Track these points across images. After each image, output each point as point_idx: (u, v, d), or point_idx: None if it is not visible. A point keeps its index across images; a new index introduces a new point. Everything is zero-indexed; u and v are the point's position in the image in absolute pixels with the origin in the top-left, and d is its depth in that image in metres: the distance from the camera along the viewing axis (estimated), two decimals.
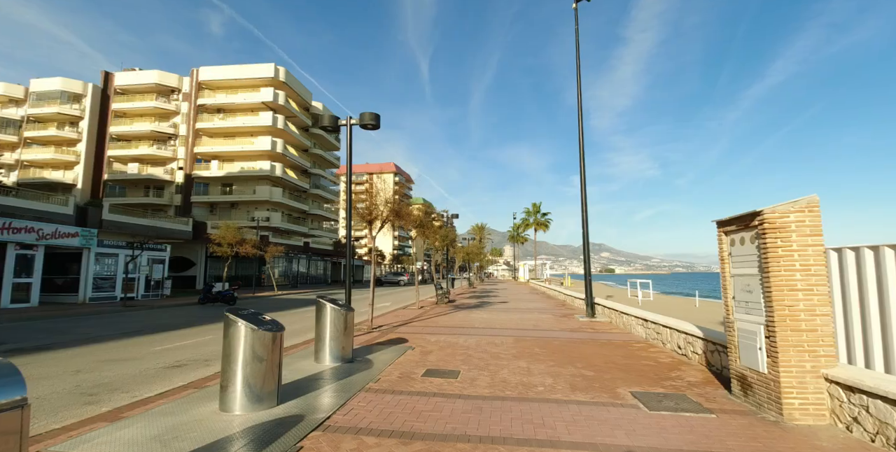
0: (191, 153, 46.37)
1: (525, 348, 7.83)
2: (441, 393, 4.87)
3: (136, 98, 47.88)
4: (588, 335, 9.57)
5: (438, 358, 6.79)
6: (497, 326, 10.96)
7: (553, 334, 9.66)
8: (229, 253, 22.87)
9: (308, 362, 6.43)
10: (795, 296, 4.32)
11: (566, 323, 11.58)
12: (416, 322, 11.85)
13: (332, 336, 6.31)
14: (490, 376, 5.73)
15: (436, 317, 12.97)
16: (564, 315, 14.02)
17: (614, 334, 9.70)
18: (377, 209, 10.20)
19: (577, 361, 6.76)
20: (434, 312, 14.60)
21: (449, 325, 11.10)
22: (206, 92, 47.33)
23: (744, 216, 4.79)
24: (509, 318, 12.83)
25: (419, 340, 8.58)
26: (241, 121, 45.75)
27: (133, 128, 47.01)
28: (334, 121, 9.16)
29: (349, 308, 6.59)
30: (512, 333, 9.71)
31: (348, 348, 6.48)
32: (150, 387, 5.75)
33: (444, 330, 10.10)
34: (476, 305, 17.78)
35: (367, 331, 9.75)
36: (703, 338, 6.62)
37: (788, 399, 4.21)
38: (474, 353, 7.25)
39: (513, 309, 15.90)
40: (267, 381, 4.40)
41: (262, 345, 4.37)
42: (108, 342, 9.82)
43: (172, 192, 47.67)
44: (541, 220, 59.17)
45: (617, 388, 5.25)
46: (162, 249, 22.90)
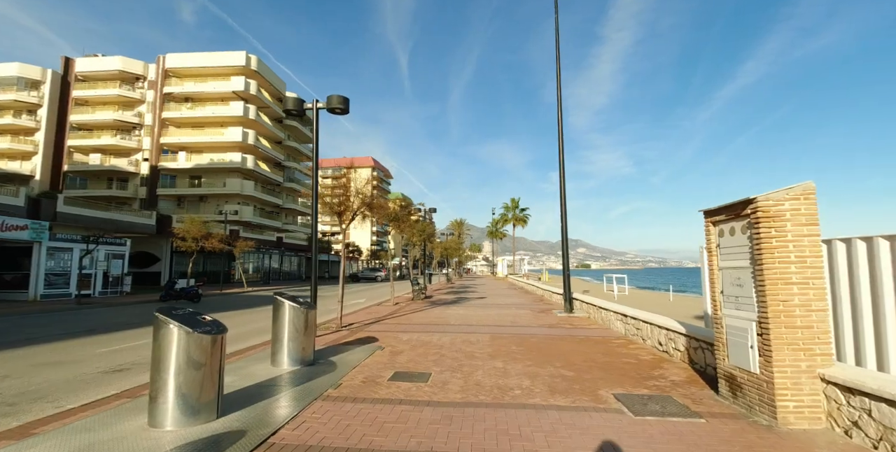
0: (157, 144, 44.32)
1: (501, 346, 7.42)
2: (408, 400, 4.38)
3: (99, 85, 45.47)
4: (566, 331, 9.24)
5: (409, 359, 6.30)
6: (473, 323, 10.54)
7: (531, 330, 9.30)
8: (194, 248, 21.77)
9: (263, 366, 5.84)
10: (790, 290, 4.00)
11: (544, 319, 11.26)
12: (389, 319, 11.33)
13: (291, 336, 5.75)
14: (463, 378, 5.27)
15: (410, 314, 12.47)
16: (542, 310, 13.73)
17: (593, 330, 9.41)
18: (348, 201, 9.59)
19: (555, 360, 6.38)
20: (409, 309, 14.10)
21: (423, 322, 10.62)
22: (173, 80, 45.24)
23: (735, 204, 4.45)
24: (486, 314, 12.44)
25: (390, 339, 8.07)
26: (211, 110, 43.94)
27: (95, 117, 44.63)
28: (299, 104, 8.50)
29: (310, 305, 6.02)
30: (488, 330, 9.30)
31: (309, 349, 5.92)
32: (80, 396, 5.09)
33: (418, 328, 9.62)
34: (453, 301, 17.37)
35: (334, 330, 9.19)
36: (685, 335, 6.33)
37: (783, 402, 3.90)
38: (448, 353, 6.79)
39: (490, 305, 15.54)
40: (205, 391, 3.83)
41: (198, 350, 3.79)
42: (51, 343, 8.98)
43: (137, 185, 45.55)
44: (519, 216, 59.21)
45: (598, 390, 4.88)
46: (121, 244, 21.63)
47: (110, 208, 29.12)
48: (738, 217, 4.46)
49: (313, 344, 6.01)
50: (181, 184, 44.66)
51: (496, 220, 65.59)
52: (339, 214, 9.63)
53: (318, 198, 8.80)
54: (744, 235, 4.38)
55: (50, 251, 19.33)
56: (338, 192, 9.72)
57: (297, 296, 6.14)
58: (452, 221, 64.28)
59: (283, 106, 8.57)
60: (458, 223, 66.60)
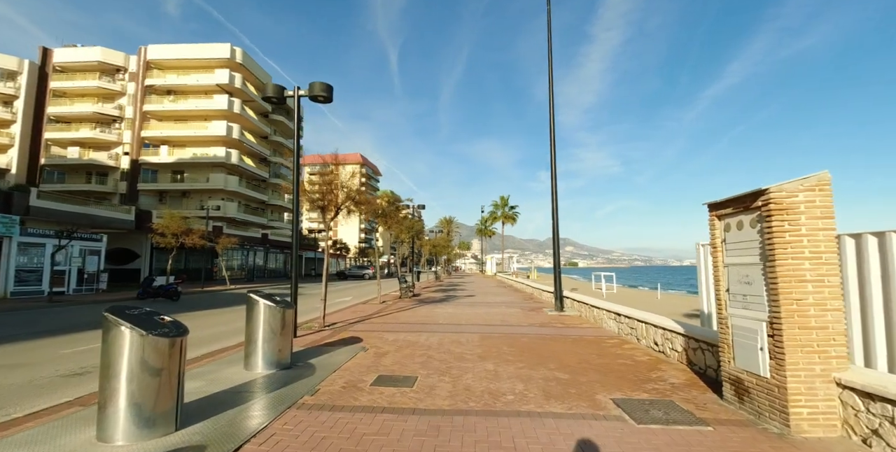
0: (138, 137, 43.14)
1: (492, 346, 7.09)
2: (391, 408, 4.01)
3: (78, 77, 44.02)
4: (558, 330, 8.95)
5: (394, 361, 5.92)
6: (462, 322, 10.20)
7: (521, 330, 8.98)
8: (174, 244, 21.05)
9: (236, 369, 5.41)
10: (804, 288, 3.71)
11: (535, 318, 10.97)
12: (375, 318, 10.92)
13: (266, 337, 5.32)
14: (452, 382, 4.91)
15: (397, 313, 12.08)
16: (532, 309, 13.45)
17: (585, 329, 9.13)
18: (331, 195, 9.15)
19: (548, 361, 6.06)
20: (396, 307, 13.71)
21: (410, 321, 10.25)
22: (155, 72, 44.03)
23: (744, 196, 4.15)
24: (475, 313, 12.11)
25: (375, 339, 7.68)
26: (194, 104, 42.86)
27: (74, 109, 43.24)
28: (279, 91, 8.03)
29: (287, 304, 5.60)
30: (478, 330, 8.96)
31: (286, 351, 5.51)
32: (31, 403, 4.61)
33: (405, 328, 9.24)
34: (441, 299, 17.01)
35: (317, 330, 8.76)
36: (684, 335, 6.06)
37: (796, 409, 3.61)
38: (435, 354, 6.43)
39: (479, 303, 15.22)
40: (161, 400, 3.41)
41: (154, 354, 3.37)
42: (13, 344, 8.42)
43: (117, 179, 44.31)
44: (508, 213, 59.06)
45: (596, 394, 4.56)
46: (97, 239, 20.82)
47: (88, 203, 28.15)
48: (747, 210, 4.16)
49: (291, 345, 5.60)
50: (163, 178, 43.55)
51: (485, 218, 65.39)
52: (322, 209, 9.19)
53: (299, 190, 8.35)
54: (753, 229, 4.08)
55: (21, 246, 18.50)
56: (322, 188, 9.28)
57: (274, 294, 5.72)
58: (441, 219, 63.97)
59: (263, 93, 8.09)
60: (447, 221, 66.25)
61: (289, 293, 7.81)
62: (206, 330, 9.76)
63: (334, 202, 9.16)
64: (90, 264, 20.21)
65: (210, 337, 8.68)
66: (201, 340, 8.36)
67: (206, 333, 9.20)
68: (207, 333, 9.17)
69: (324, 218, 9.37)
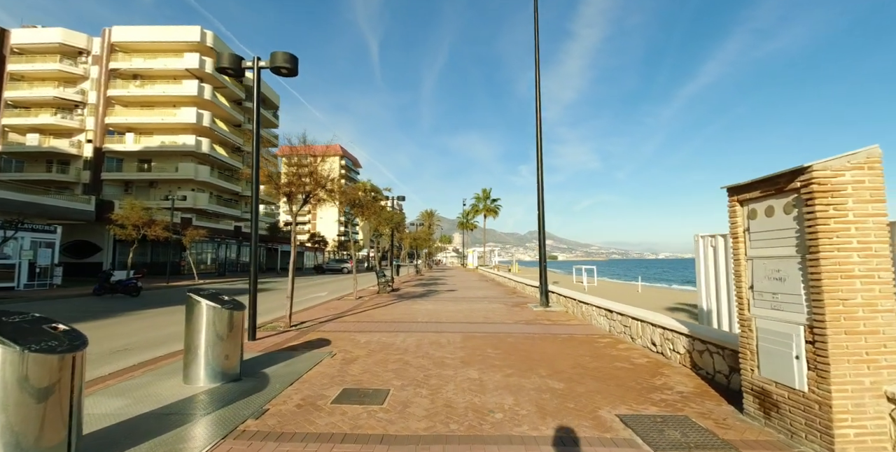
0: (101, 124, 40.84)
1: (476, 348, 6.39)
2: (355, 435, 3.25)
3: (37, 59, 41.27)
4: (545, 328, 8.31)
5: (363, 369, 5.15)
6: (443, 319, 9.48)
7: (506, 328, 8.32)
8: (135, 237, 19.67)
9: (172, 383, 4.56)
10: (852, 286, 3.09)
11: (519, 314, 10.33)
12: (349, 316, 10.11)
13: (210, 344, 4.48)
14: (430, 396, 4.18)
15: (373, 310, 11.29)
16: (516, 304, 12.83)
17: (573, 326, 8.53)
18: (298, 181, 8.26)
19: (539, 366, 5.39)
20: (373, 303, 12.90)
21: (387, 319, 9.47)
22: (120, 55, 41.63)
23: (776, 177, 3.50)
24: (457, 309, 11.40)
25: (345, 342, 6.89)
26: (162, 89, 40.73)
27: (33, 94, 40.64)
28: (236, 61, 7.06)
29: (236, 304, 4.76)
30: (460, 329, 8.26)
31: (234, 360, 4.68)
32: None
33: (381, 327, 8.46)
34: (422, 294, 16.26)
35: (281, 330, 7.90)
36: (687, 335, 5.46)
37: (842, 430, 3.01)
38: (412, 359, 5.68)
39: (461, 298, 14.54)
40: (48, 431, 2.57)
41: (37, 375, 2.53)
42: None
43: (80, 168, 41.92)
44: (491, 206, 58.53)
45: (598, 409, 3.90)
46: (51, 231, 19.28)
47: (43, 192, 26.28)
48: (780, 192, 3.51)
49: (240, 352, 4.76)
50: (129, 168, 41.41)
51: (467, 211, 64.75)
52: (287, 196, 8.29)
53: (259, 175, 7.44)
54: (788, 216, 3.44)
55: None
56: (289, 174, 8.37)
57: (220, 293, 4.87)
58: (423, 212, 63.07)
59: (217, 63, 7.12)
60: (428, 214, 65.38)
61: (268, 288, 6.96)
62: (159, 330, 8.78)
63: (301, 189, 8.27)
64: (42, 257, 18.70)
65: (161, 338, 7.74)
66: (150, 343, 7.42)
67: (158, 334, 8.24)
68: (160, 334, 8.22)
69: (290, 207, 8.47)
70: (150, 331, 8.67)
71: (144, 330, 8.91)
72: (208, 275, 31.78)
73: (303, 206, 8.74)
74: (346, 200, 12.74)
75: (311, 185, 8.47)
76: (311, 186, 8.50)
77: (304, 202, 8.70)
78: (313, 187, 8.52)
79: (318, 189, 8.64)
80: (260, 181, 7.81)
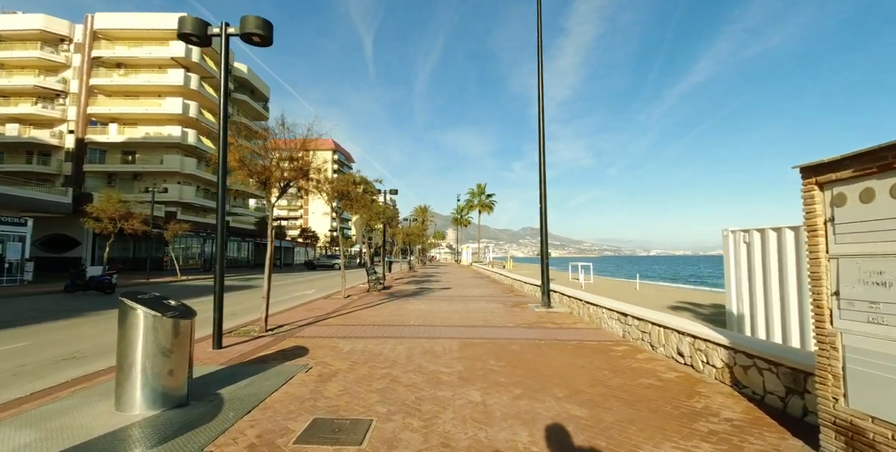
0: (83, 114, 39.33)
1: (476, 359, 5.53)
2: None
3: (17, 46, 39.62)
4: (551, 333, 7.48)
5: (343, 389, 4.27)
6: (438, 322, 8.61)
7: (509, 333, 7.47)
8: (111, 230, 18.57)
9: (102, 409, 3.65)
10: None
11: (521, 316, 9.49)
12: (333, 318, 9.21)
13: (147, 362, 3.57)
14: (423, 429, 3.31)
15: (361, 311, 10.39)
16: (516, 304, 12.00)
17: (582, 331, 7.70)
18: (274, 166, 7.31)
19: (552, 383, 4.54)
20: (362, 302, 12.00)
21: (376, 322, 8.58)
22: (103, 43, 40.09)
23: (882, 150, 2.65)
24: (453, 310, 10.54)
25: (326, 350, 6.00)
26: (146, 78, 39.31)
27: (12, 82, 39.00)
28: (201, 26, 6.09)
29: (184, 312, 3.84)
30: (457, 333, 7.39)
31: (181, 379, 3.77)
32: None
33: (368, 331, 7.57)
34: (414, 292, 15.38)
35: (255, 336, 6.99)
36: (727, 347, 4.63)
37: None
38: (402, 374, 4.80)
39: (456, 297, 13.67)
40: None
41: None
42: None
43: (61, 160, 40.44)
44: (485, 202, 57.64)
45: (638, 450, 3.05)
46: (20, 223, 18.13)
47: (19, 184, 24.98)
48: (884, 170, 2.67)
49: (188, 370, 3.85)
50: (112, 159, 40.00)
51: (461, 207, 63.86)
52: (263, 183, 7.36)
53: (226, 153, 6.49)
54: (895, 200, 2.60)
55: None
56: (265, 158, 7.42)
57: (166, 297, 3.95)
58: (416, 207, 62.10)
59: (179, 29, 6.14)
60: (421, 209, 64.37)
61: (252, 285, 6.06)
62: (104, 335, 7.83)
63: (279, 176, 7.33)
64: (12, 252, 17.56)
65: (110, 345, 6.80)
66: (104, 348, 6.49)
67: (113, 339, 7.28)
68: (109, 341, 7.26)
69: (266, 195, 7.54)
70: (110, 335, 7.72)
71: (104, 333, 7.95)
72: (192, 272, 30.65)
73: (282, 195, 7.81)
74: (334, 191, 11.82)
75: (290, 172, 7.53)
76: (291, 173, 7.57)
77: (283, 191, 7.78)
78: (293, 174, 7.59)
79: (299, 177, 7.71)
80: (230, 165, 6.87)
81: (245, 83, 49.45)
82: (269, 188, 7.38)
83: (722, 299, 20.71)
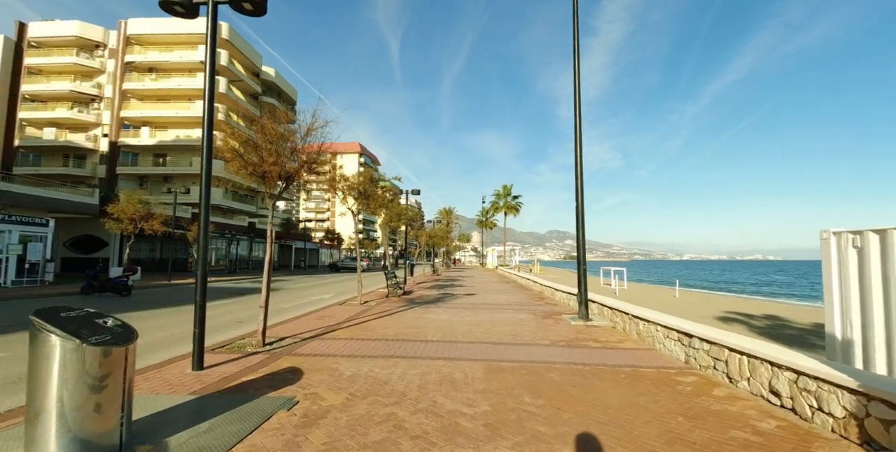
0: (117, 118, 40.33)
1: (506, 395, 4.38)
2: None
3: (54, 52, 41.08)
4: (596, 354, 6.25)
5: (331, 438, 3.22)
6: (459, 336, 7.50)
7: (544, 353, 6.29)
8: (131, 231, 18.34)
9: None
10: None
11: (555, 330, 8.27)
12: (344, 328, 8.23)
13: (66, 402, 2.62)
14: None
15: (376, 320, 9.40)
16: (548, 314, 10.76)
17: (632, 352, 6.45)
18: (273, 157, 6.40)
19: (614, 440, 3.36)
20: (377, 311, 11.02)
21: (389, 335, 7.55)
22: (136, 48, 41.12)
23: None
24: (477, 321, 9.41)
25: (323, 374, 4.99)
26: (177, 82, 39.99)
27: (50, 88, 40.39)
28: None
29: (118, 336, 2.87)
30: (481, 352, 6.27)
31: (110, 423, 2.79)
32: None
33: (377, 348, 6.54)
34: (436, 299, 14.30)
35: (248, 352, 6.06)
36: (857, 391, 3.35)
37: None
38: (409, 417, 3.71)
39: (481, 306, 12.51)
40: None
41: None
42: None
43: (96, 163, 41.65)
44: (511, 203, 56.06)
45: None
46: (42, 223, 18.08)
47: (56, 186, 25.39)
48: None
49: (123, 410, 2.87)
50: (144, 162, 40.83)
51: (486, 209, 62.48)
52: (262, 176, 6.45)
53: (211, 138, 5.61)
54: None
55: None
56: (263, 144, 6.53)
57: (100, 315, 3.00)
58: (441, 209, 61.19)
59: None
60: (446, 211, 63.37)
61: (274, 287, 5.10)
62: None
63: (279, 170, 6.40)
64: (33, 252, 17.51)
65: None
66: None
67: None
68: None
69: (266, 191, 6.64)
70: None
71: None
72: (217, 273, 30.58)
73: (284, 190, 6.90)
74: (350, 189, 10.92)
75: (291, 164, 6.61)
76: (293, 165, 6.65)
77: (286, 185, 6.87)
78: (297, 166, 6.67)
79: (301, 169, 6.78)
80: (224, 156, 6.00)
81: (272, 86, 49.84)
82: (267, 182, 6.47)
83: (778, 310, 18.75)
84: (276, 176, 6.43)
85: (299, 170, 6.87)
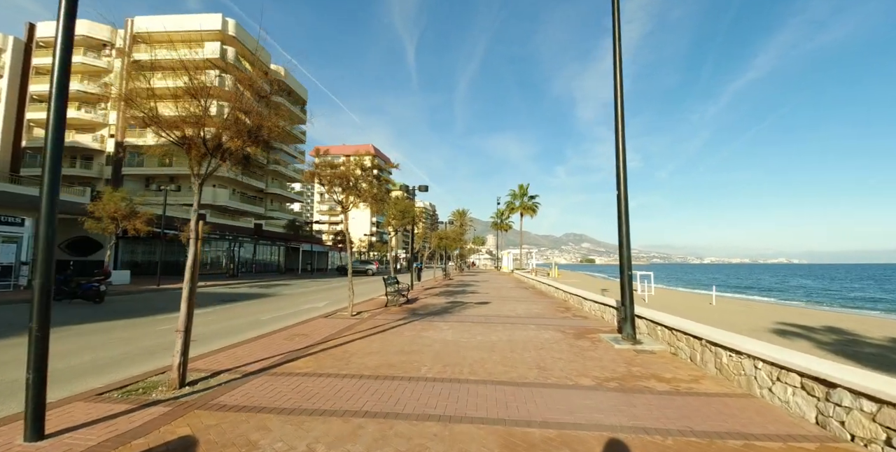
0: (123, 118, 39.47)
1: None
2: None
3: None
4: (668, 407, 4.13)
5: None
6: (466, 370, 5.44)
7: (589, 406, 4.19)
8: (113, 231, 16.81)
9: None
10: None
11: (596, 359, 6.13)
12: (309, 355, 6.23)
13: None
14: None
15: (360, 340, 7.39)
16: (580, 332, 8.58)
17: (718, 400, 4.31)
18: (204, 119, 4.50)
19: None
20: (368, 325, 9.02)
21: (366, 369, 5.51)
22: (142, 46, 40.31)
23: None
24: (490, 343, 7.32)
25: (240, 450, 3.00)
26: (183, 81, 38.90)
27: None
28: None
29: None
30: (495, 407, 4.21)
31: None
32: None
33: (340, 395, 4.53)
34: (442, 310, 12.21)
35: (147, 402, 4.10)
36: None
37: None
38: None
39: (495, 319, 10.39)
40: None
41: None
42: None
43: (102, 163, 41.00)
44: (528, 204, 53.61)
45: None
46: (17, 223, 16.63)
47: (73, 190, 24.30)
48: None
49: None
50: (150, 162, 39.87)
51: (501, 210, 60.19)
52: (181, 145, 4.56)
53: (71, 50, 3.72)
54: None
55: None
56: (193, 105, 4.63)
57: None
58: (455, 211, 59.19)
59: None
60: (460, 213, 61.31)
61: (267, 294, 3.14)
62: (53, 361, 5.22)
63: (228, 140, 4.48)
64: (5, 254, 16.05)
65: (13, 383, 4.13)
66: None
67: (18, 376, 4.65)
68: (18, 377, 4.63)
69: (189, 166, 4.74)
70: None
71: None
72: (218, 277, 29.04)
73: (215, 169, 4.99)
74: (333, 177, 8.99)
75: (227, 132, 4.70)
76: (230, 135, 4.73)
77: (223, 159, 4.96)
78: (232, 136, 4.75)
79: (243, 140, 4.86)
80: None
81: (282, 85, 48.74)
82: (190, 153, 4.57)
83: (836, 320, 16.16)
84: (200, 145, 4.52)
85: (243, 144, 4.95)
